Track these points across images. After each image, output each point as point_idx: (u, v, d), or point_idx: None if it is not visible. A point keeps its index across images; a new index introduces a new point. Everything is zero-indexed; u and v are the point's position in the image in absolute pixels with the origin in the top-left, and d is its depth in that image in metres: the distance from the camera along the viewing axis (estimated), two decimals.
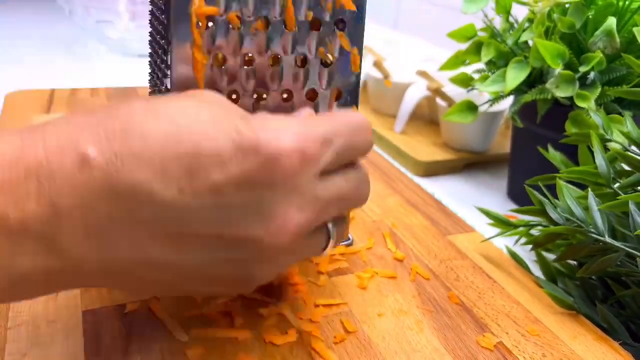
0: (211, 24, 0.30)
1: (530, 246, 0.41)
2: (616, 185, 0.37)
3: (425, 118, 0.73)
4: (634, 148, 0.37)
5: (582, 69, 0.44)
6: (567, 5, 0.46)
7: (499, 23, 0.53)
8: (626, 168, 0.38)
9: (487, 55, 0.51)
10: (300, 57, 0.32)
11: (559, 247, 0.41)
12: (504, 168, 0.62)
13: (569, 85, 0.44)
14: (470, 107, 0.52)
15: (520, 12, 0.53)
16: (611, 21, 0.44)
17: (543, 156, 0.46)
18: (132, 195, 0.21)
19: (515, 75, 0.46)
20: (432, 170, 0.61)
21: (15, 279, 0.21)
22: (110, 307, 0.32)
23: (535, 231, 0.41)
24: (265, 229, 0.23)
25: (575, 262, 0.41)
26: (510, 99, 0.55)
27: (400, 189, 0.52)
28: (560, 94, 0.44)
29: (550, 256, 0.42)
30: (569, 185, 0.38)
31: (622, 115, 0.41)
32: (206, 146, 0.22)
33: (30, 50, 1.00)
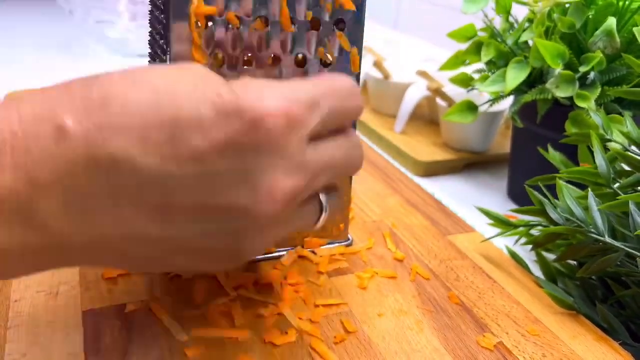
0: (210, 23, 0.30)
1: (530, 246, 0.41)
2: (616, 185, 0.37)
3: (425, 118, 0.73)
4: (634, 148, 0.37)
5: (582, 69, 0.44)
6: (567, 5, 0.46)
7: (499, 23, 0.53)
8: (626, 168, 0.38)
9: (487, 55, 0.51)
10: (300, 57, 0.32)
11: (559, 247, 0.41)
12: (504, 168, 0.62)
13: (569, 85, 0.44)
14: (470, 107, 0.52)
15: (520, 12, 0.53)
16: (611, 21, 0.44)
17: (543, 156, 0.46)
18: (113, 166, 0.20)
19: (515, 75, 0.46)
20: (432, 170, 0.61)
21: None
22: (110, 307, 0.32)
23: (535, 231, 0.41)
24: (252, 197, 0.22)
25: (575, 262, 0.41)
26: (510, 99, 0.55)
27: (400, 189, 0.52)
28: (560, 94, 0.44)
29: (550, 256, 0.42)
30: (569, 185, 0.38)
31: (622, 115, 0.41)
32: (187, 112, 0.21)
33: (30, 50, 1.00)
